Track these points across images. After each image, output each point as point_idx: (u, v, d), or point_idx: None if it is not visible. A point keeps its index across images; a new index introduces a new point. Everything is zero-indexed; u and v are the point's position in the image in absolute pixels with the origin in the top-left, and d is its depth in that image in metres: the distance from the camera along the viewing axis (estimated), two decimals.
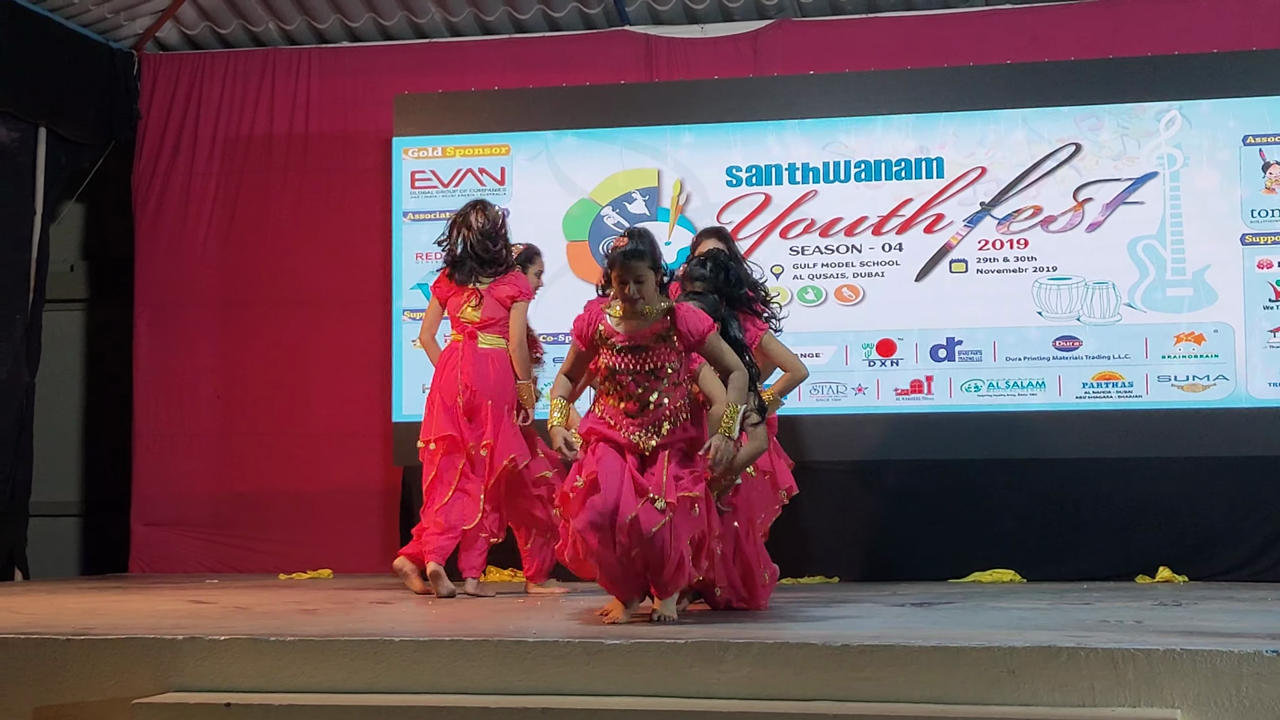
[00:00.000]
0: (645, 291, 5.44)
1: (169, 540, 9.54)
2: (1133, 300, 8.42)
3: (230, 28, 9.74)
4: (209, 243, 9.72)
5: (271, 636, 4.77)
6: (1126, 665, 4.27)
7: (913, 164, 8.71)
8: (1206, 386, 8.31)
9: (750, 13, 9.31)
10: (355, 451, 9.38)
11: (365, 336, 9.38)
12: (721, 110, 8.93)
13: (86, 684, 4.80)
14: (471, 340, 7.21)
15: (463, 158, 9.13)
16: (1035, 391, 8.46)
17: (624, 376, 5.48)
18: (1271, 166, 8.35)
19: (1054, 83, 8.63)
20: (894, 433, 8.49)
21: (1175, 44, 8.67)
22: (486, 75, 9.41)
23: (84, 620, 5.59)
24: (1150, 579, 8.16)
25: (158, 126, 9.81)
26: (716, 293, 6.18)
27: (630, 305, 5.46)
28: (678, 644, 4.57)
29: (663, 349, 5.48)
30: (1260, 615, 5.79)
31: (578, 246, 8.97)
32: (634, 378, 5.47)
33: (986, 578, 8.26)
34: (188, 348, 9.67)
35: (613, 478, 5.38)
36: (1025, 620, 5.60)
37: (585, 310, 5.62)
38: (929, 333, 8.58)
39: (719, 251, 6.56)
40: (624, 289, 5.44)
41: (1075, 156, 8.56)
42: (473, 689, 4.58)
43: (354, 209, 9.55)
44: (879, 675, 4.40)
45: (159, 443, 9.61)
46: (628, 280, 5.43)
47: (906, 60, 8.94)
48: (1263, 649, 4.24)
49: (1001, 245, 8.58)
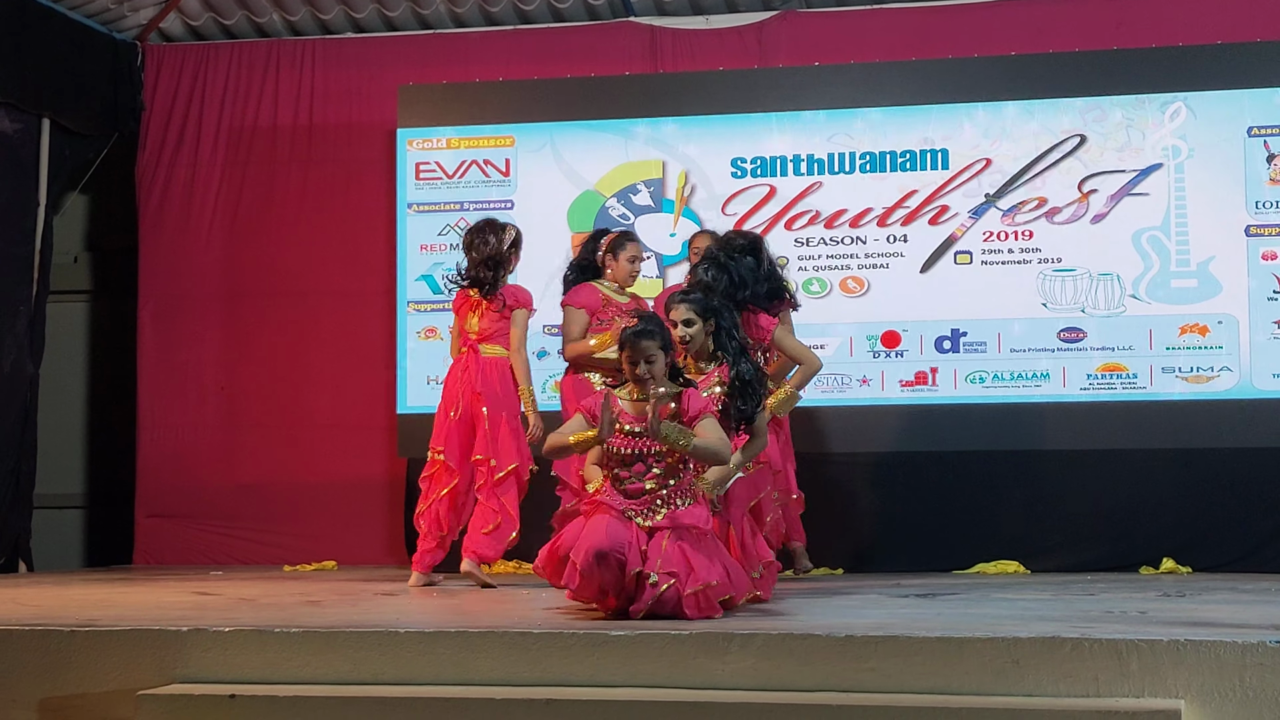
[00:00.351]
0: (655, 371, 5.50)
1: (173, 532, 9.54)
2: (1137, 292, 8.42)
3: (234, 19, 9.73)
4: (213, 234, 9.72)
5: (276, 628, 4.78)
6: (1130, 656, 4.27)
7: (918, 155, 8.70)
8: (1211, 378, 8.31)
9: (755, 4, 9.30)
10: (360, 443, 9.39)
11: (370, 328, 9.39)
12: (726, 101, 8.93)
13: (91, 675, 4.80)
14: (474, 351, 7.27)
15: (467, 149, 9.12)
16: (1040, 383, 8.46)
17: (629, 457, 5.49)
18: (1276, 158, 8.34)
19: (1059, 74, 8.62)
20: (898, 424, 8.49)
21: (1180, 36, 8.66)
22: (491, 66, 9.41)
23: (89, 612, 5.60)
24: (1154, 570, 8.16)
25: (161, 118, 9.80)
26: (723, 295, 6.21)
27: (641, 386, 5.51)
28: (682, 635, 4.57)
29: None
30: (1264, 606, 5.79)
31: (583, 238, 8.94)
32: (640, 459, 5.49)
33: (991, 569, 8.26)
34: (192, 339, 9.67)
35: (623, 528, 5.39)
36: (1029, 611, 5.60)
37: (597, 394, 5.69)
38: (934, 324, 8.58)
39: (715, 253, 6.59)
40: (634, 370, 5.51)
41: (1080, 148, 8.56)
42: (478, 680, 4.59)
43: (358, 200, 9.55)
44: (883, 666, 4.40)
45: (163, 434, 9.62)
46: (638, 360, 5.49)
47: (911, 52, 8.94)
48: (1266, 639, 4.24)
49: (1006, 237, 8.57)
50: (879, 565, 8.31)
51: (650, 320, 5.60)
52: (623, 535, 5.32)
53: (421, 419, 8.93)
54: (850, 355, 8.62)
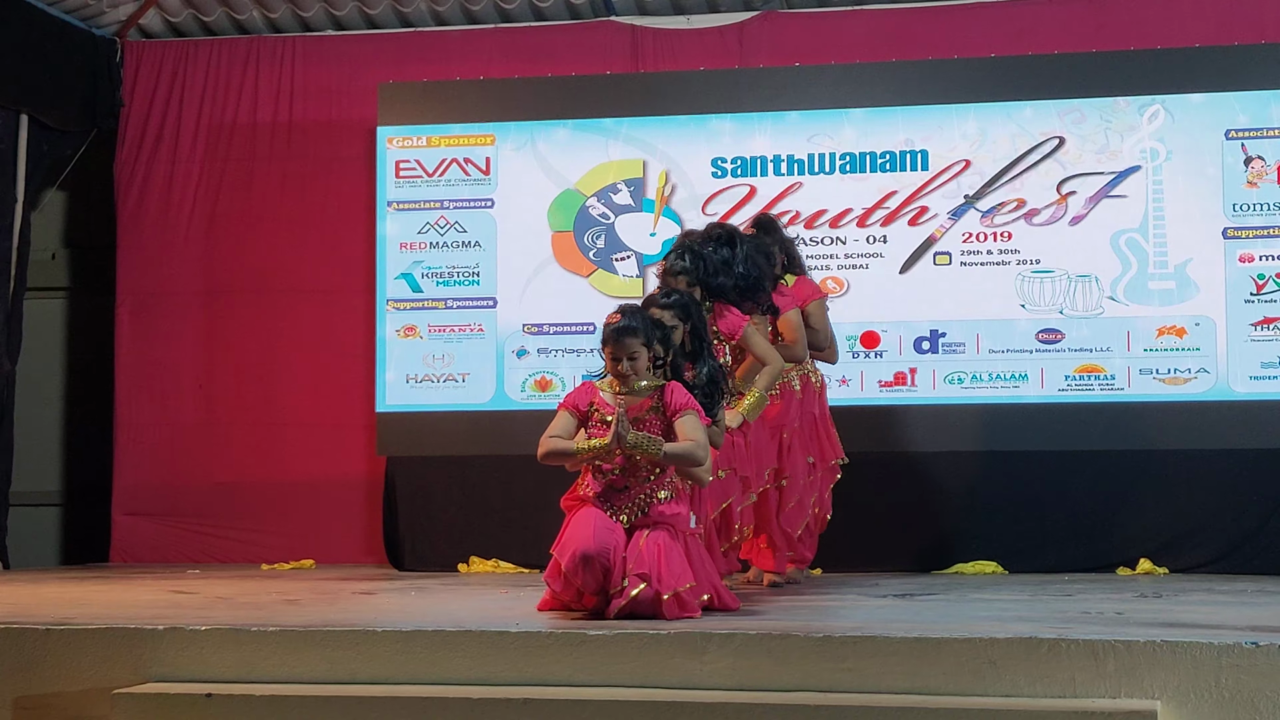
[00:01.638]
0: (637, 367, 5.49)
1: (150, 530, 9.51)
2: (1115, 293, 8.44)
3: (214, 15, 9.70)
4: (192, 231, 9.69)
5: (253, 627, 4.76)
6: (1107, 656, 4.29)
7: (897, 156, 8.71)
8: (1188, 379, 8.34)
9: (736, 4, 9.31)
10: (338, 441, 9.37)
11: (349, 326, 9.37)
12: (707, 101, 8.93)
13: (67, 674, 4.79)
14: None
15: (447, 147, 9.11)
16: (1018, 384, 8.47)
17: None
18: (1253, 161, 8.37)
19: (1038, 76, 8.64)
20: (877, 424, 8.50)
21: (1158, 38, 8.69)
22: (472, 64, 9.39)
23: (64, 610, 5.58)
24: (1131, 571, 8.18)
25: (140, 114, 9.77)
26: (698, 284, 6.19)
27: (622, 381, 5.51)
28: (660, 635, 4.57)
29: (651, 422, 5.51)
30: (1240, 607, 5.81)
31: (563, 237, 8.96)
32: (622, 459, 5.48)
33: (969, 569, 8.27)
34: (170, 336, 9.64)
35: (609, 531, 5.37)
36: (1007, 611, 5.62)
37: (579, 387, 5.68)
38: (913, 325, 8.59)
39: (692, 240, 6.57)
40: (616, 365, 5.50)
41: (1059, 150, 8.58)
42: (455, 680, 4.58)
43: (338, 198, 9.53)
44: (861, 666, 4.40)
45: (141, 432, 9.59)
46: (620, 357, 5.48)
47: (891, 53, 8.95)
48: (1242, 640, 4.26)
49: (985, 238, 8.59)
50: (857, 565, 8.31)
51: (632, 315, 5.57)
52: (609, 539, 5.29)
53: (400, 417, 8.96)
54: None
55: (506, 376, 8.86)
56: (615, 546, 5.29)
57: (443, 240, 9.03)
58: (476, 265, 9.00)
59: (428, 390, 8.96)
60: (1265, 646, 4.22)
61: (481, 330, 8.95)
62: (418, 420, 8.96)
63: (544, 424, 5.57)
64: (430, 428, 8.94)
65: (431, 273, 9.02)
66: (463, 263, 9.01)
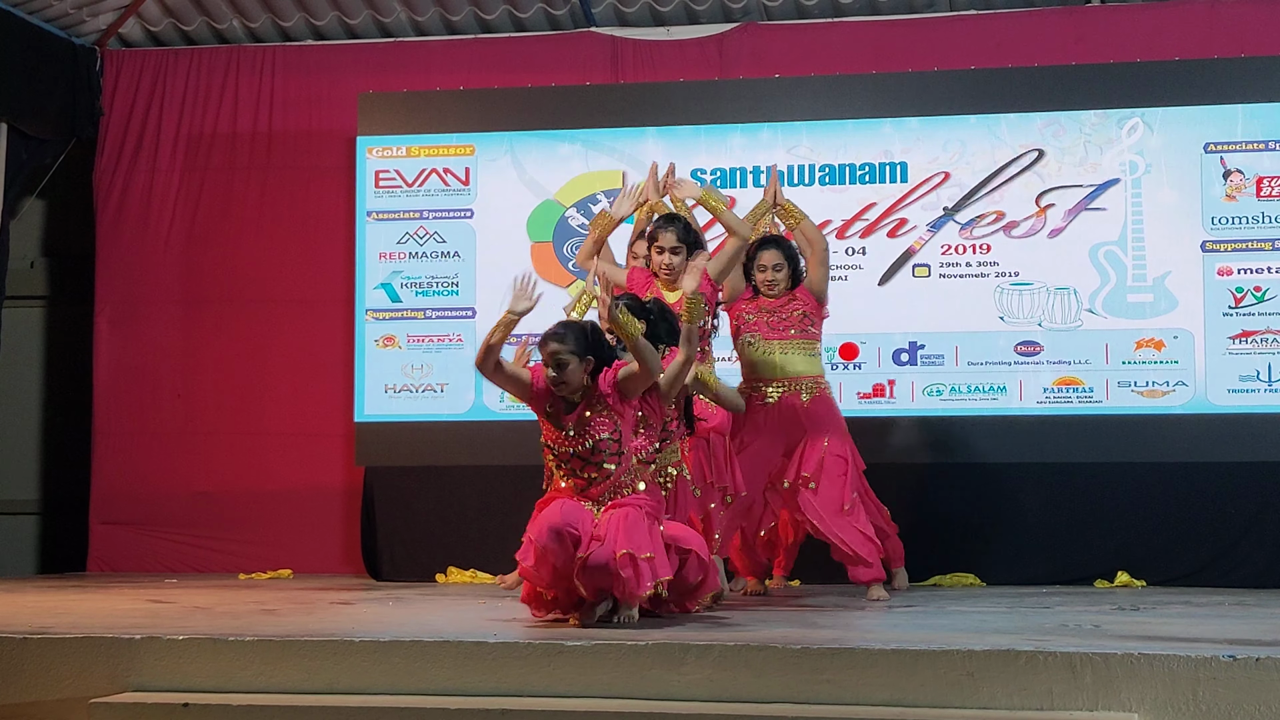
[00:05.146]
0: (568, 376, 5.54)
1: (128, 539, 9.48)
2: (1094, 306, 8.47)
3: (194, 24, 9.69)
4: (171, 241, 9.67)
5: (231, 636, 4.76)
6: (1084, 669, 4.30)
7: (877, 168, 8.73)
8: (1166, 392, 8.36)
9: (716, 15, 9.32)
10: (317, 451, 9.35)
11: (328, 336, 9.36)
12: (687, 112, 8.93)
13: (44, 683, 4.77)
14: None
15: (427, 157, 9.10)
16: (996, 396, 8.49)
17: (567, 457, 5.61)
18: (1232, 174, 8.40)
19: (1017, 89, 8.66)
20: (855, 436, 8.48)
21: (1138, 51, 8.72)
22: (452, 75, 9.39)
23: (42, 619, 5.56)
24: (1109, 583, 8.19)
25: (120, 123, 9.75)
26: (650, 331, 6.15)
27: (555, 388, 5.61)
28: (639, 646, 4.57)
29: (597, 423, 5.58)
30: (1217, 620, 5.83)
31: (542, 248, 8.96)
32: (578, 457, 5.59)
33: (947, 581, 8.28)
34: (149, 346, 9.62)
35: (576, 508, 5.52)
36: (985, 624, 5.63)
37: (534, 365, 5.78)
38: (891, 337, 8.61)
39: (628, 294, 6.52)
40: (546, 370, 5.60)
41: (1038, 162, 8.60)
42: (433, 690, 4.58)
43: (317, 208, 9.52)
44: (839, 678, 4.41)
45: (119, 441, 9.56)
46: (549, 363, 5.58)
47: (871, 65, 8.97)
48: (1219, 654, 4.27)
49: (964, 250, 8.61)
50: (836, 577, 8.30)
51: (567, 327, 5.64)
52: (576, 516, 5.43)
53: (379, 427, 8.94)
54: None
55: (485, 387, 8.84)
56: (583, 520, 5.44)
57: (422, 250, 9.02)
58: (456, 275, 9.00)
59: (406, 400, 8.95)
60: (1242, 660, 4.23)
61: (460, 340, 8.94)
62: (396, 430, 8.94)
63: (522, 435, 5.63)
64: (409, 438, 8.92)
65: (411, 283, 9.01)
66: (442, 273, 9.00)
